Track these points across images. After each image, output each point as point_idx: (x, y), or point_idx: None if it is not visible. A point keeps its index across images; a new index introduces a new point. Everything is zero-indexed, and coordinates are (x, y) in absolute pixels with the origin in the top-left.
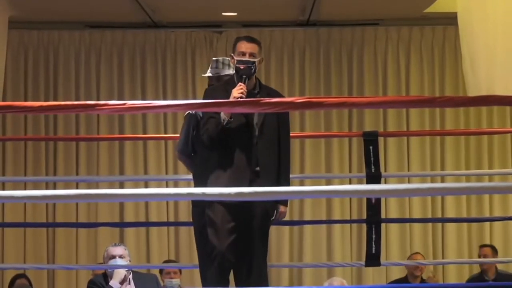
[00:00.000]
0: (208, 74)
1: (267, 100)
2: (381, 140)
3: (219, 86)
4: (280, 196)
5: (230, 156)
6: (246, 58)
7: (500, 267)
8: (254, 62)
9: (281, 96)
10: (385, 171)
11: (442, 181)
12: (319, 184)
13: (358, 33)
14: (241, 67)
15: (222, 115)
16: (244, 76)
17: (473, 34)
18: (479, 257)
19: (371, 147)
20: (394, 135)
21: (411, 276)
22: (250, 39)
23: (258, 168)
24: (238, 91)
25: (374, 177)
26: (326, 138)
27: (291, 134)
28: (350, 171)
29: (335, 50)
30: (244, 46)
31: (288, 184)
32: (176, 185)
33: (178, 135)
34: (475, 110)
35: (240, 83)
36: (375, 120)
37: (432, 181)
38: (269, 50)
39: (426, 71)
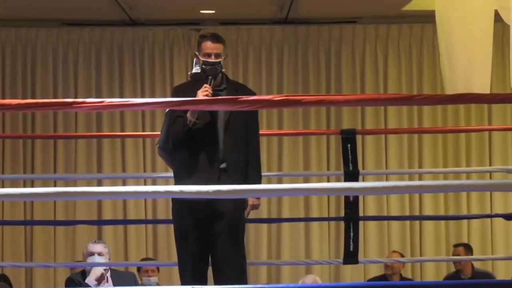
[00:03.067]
0: (196, 70)
1: (245, 98)
2: (359, 138)
3: (186, 85)
4: (258, 194)
5: (197, 154)
6: (212, 60)
7: (477, 265)
8: (219, 62)
9: (249, 90)
10: (363, 169)
11: (420, 179)
12: (297, 182)
13: (336, 31)
14: (207, 68)
15: (188, 116)
16: (210, 77)
17: (451, 32)
18: (453, 256)
19: (349, 145)
20: (372, 133)
21: (389, 274)
22: (215, 39)
23: (225, 165)
24: (203, 93)
25: (352, 175)
26: (304, 136)
27: (270, 132)
28: (328, 169)
29: (313, 48)
30: (210, 47)
31: (259, 180)
32: (154, 183)
33: (157, 133)
34: (453, 108)
35: (205, 84)
36: (353, 118)
37: (410, 179)
38: (247, 48)
39: (404, 69)
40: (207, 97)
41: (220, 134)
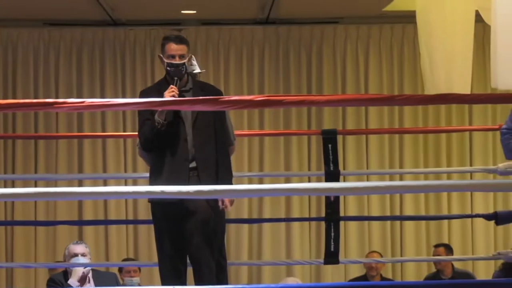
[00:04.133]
0: (202, 70)
1: (227, 98)
2: (340, 138)
3: (152, 87)
4: (239, 194)
5: (167, 154)
6: (176, 61)
7: (457, 265)
8: (184, 63)
9: (216, 90)
10: (344, 169)
11: (401, 179)
12: (278, 182)
13: (317, 31)
14: (172, 70)
15: (156, 118)
16: (175, 78)
17: (431, 33)
18: (434, 256)
19: (330, 145)
20: (353, 133)
21: (369, 275)
22: (179, 41)
23: (195, 164)
24: (169, 94)
25: (333, 175)
26: (285, 136)
27: (251, 132)
28: (309, 169)
29: (294, 48)
30: (173, 49)
31: (229, 177)
32: (135, 183)
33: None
34: (434, 108)
35: (171, 86)
36: (334, 118)
37: (390, 179)
38: (228, 48)
39: (385, 69)
40: (174, 98)
41: (189, 133)
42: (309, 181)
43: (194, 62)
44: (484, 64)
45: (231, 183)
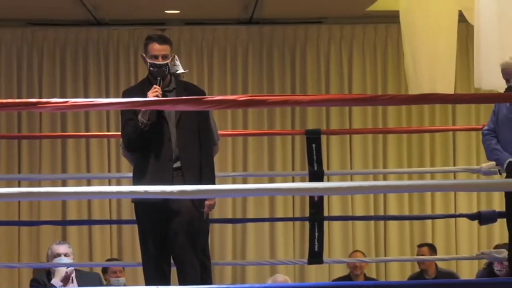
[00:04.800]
0: (185, 70)
1: (211, 98)
2: (323, 138)
3: (135, 87)
4: (223, 194)
5: (151, 154)
6: (159, 62)
7: (441, 265)
8: (167, 64)
9: (199, 90)
10: (327, 169)
11: (385, 179)
12: (262, 182)
13: (301, 31)
14: (155, 70)
15: (140, 118)
16: (158, 78)
17: (415, 33)
18: (417, 256)
19: (313, 145)
20: (336, 133)
21: (353, 274)
22: (162, 41)
23: (179, 164)
24: (153, 94)
25: (316, 175)
26: (269, 136)
27: (235, 132)
28: (293, 169)
29: (278, 48)
30: (156, 49)
31: (213, 178)
32: (118, 183)
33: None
34: (417, 108)
35: (154, 86)
36: (317, 118)
37: (374, 179)
38: (212, 48)
39: (369, 69)
40: (158, 98)
41: (173, 133)
42: (293, 181)
43: (178, 62)
44: (467, 64)
45: (213, 183)
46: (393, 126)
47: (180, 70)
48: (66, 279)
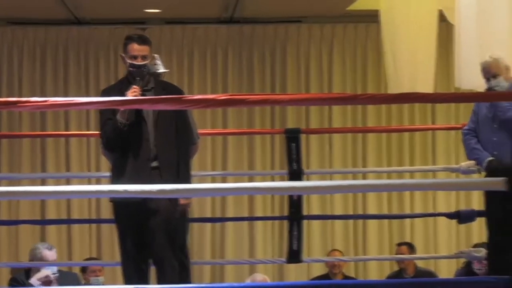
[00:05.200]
0: (166, 70)
1: (190, 97)
2: (303, 137)
3: (113, 87)
4: (202, 193)
5: (129, 154)
6: (138, 62)
7: (420, 264)
8: (146, 64)
9: (177, 89)
10: (307, 168)
11: (364, 178)
12: (242, 181)
13: (281, 30)
14: (134, 70)
15: (118, 117)
16: (137, 78)
17: (395, 32)
18: (396, 255)
19: (293, 144)
20: (316, 132)
21: (331, 273)
22: (141, 41)
23: (157, 164)
24: (132, 94)
25: (296, 174)
26: (249, 135)
27: (214, 131)
28: (272, 168)
29: (258, 47)
30: (136, 49)
31: (188, 177)
32: (98, 182)
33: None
34: (397, 107)
35: (133, 85)
36: (297, 117)
37: (353, 178)
38: (192, 47)
39: (349, 68)
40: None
41: (151, 133)
42: (273, 180)
43: (158, 62)
44: (448, 64)
45: (189, 183)
46: (373, 125)
47: (161, 70)
48: (47, 283)
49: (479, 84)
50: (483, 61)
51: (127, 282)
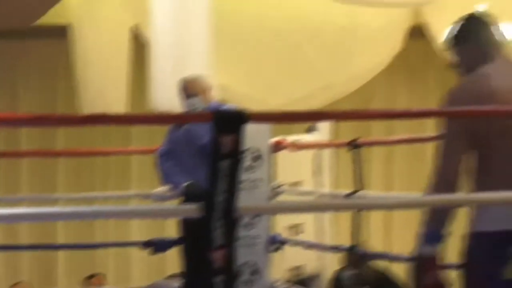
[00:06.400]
0: None
1: None
2: None
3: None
4: None
5: None
6: None
7: None
8: None
9: None
10: None
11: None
12: None
13: None
14: None
15: None
16: None
17: (86, 47)
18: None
19: None
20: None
21: None
22: None
23: None
24: None
25: None
26: None
27: None
28: None
29: None
30: None
31: None
32: None
33: None
34: (91, 127)
35: None
36: None
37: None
38: None
39: (38, 87)
40: None
41: None
42: None
43: None
44: (143, 83)
45: None
46: (63, 148)
47: None
48: None
49: (175, 105)
50: (180, 80)
51: None
